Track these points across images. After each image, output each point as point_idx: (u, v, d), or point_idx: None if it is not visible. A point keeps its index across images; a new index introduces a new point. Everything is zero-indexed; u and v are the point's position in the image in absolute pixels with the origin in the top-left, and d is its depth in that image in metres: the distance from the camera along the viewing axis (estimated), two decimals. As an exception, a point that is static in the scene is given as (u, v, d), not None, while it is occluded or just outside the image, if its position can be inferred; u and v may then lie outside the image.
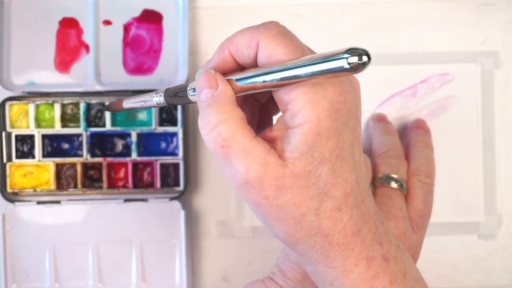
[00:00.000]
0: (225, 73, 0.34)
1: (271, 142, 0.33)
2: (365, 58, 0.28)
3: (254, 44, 0.33)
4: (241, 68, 0.34)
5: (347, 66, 0.28)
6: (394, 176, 0.46)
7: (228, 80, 0.33)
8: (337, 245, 0.33)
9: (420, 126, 0.52)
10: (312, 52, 0.34)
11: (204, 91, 0.33)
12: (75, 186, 0.53)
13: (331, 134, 0.32)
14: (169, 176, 0.53)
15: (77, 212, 0.52)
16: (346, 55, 0.28)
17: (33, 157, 0.53)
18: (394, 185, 0.46)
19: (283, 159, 0.32)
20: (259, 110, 0.38)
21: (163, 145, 0.53)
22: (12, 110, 0.53)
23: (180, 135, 0.53)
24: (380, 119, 0.52)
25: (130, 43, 0.53)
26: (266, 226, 0.34)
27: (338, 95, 0.32)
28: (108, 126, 0.53)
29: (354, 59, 0.28)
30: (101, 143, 0.53)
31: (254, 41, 0.33)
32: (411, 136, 0.51)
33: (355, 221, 0.33)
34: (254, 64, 0.33)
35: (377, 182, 0.46)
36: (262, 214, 0.33)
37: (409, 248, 0.43)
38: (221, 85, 0.33)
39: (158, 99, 0.38)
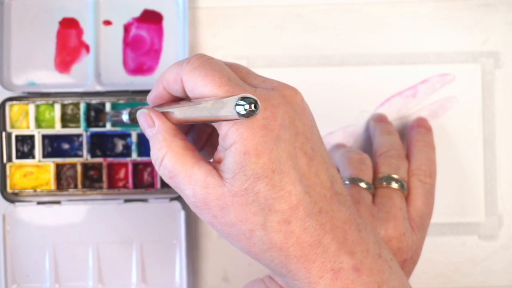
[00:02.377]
0: (165, 103, 0.37)
1: (218, 163, 0.34)
2: (255, 107, 0.31)
3: (179, 79, 0.35)
4: (180, 99, 0.37)
5: (243, 112, 0.31)
6: (395, 176, 0.46)
7: (166, 113, 0.36)
8: (295, 257, 0.33)
9: (421, 125, 0.52)
10: (241, 73, 0.35)
11: (146, 131, 0.36)
12: (75, 187, 0.53)
13: (259, 151, 0.33)
14: (169, 177, 0.53)
15: (77, 213, 0.52)
16: (241, 103, 0.31)
17: (33, 157, 0.53)
18: (394, 185, 0.46)
19: (221, 178, 0.33)
20: (210, 133, 0.40)
21: (163, 145, 0.53)
22: (12, 111, 0.53)
23: (180, 136, 0.53)
24: (380, 119, 0.52)
25: (130, 43, 0.53)
26: (229, 242, 0.35)
27: (262, 111, 0.33)
28: (108, 127, 0.53)
29: (247, 108, 0.31)
30: (101, 144, 0.53)
31: (178, 76, 0.35)
32: (412, 135, 0.51)
33: (310, 232, 0.33)
34: (188, 97, 0.36)
35: (378, 182, 0.46)
36: (218, 232, 0.35)
37: (409, 249, 0.43)
38: (157, 122, 0.36)
39: (126, 116, 0.43)
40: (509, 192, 0.53)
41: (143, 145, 0.53)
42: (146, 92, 0.53)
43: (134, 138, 0.53)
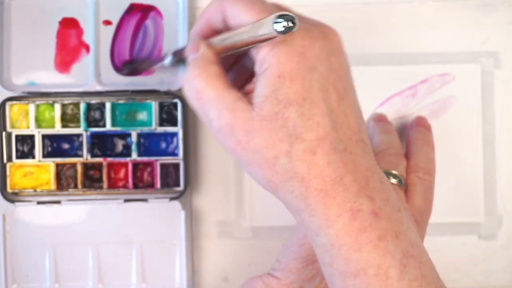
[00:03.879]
0: (209, 36, 0.38)
1: (249, 93, 0.35)
2: (292, 24, 0.32)
3: (220, 9, 0.36)
4: (222, 31, 0.37)
5: (280, 29, 0.32)
6: (393, 172, 0.46)
7: (209, 44, 0.37)
8: (316, 191, 0.33)
9: (420, 124, 0.52)
10: (280, 9, 0.36)
11: (189, 56, 0.37)
12: (75, 186, 0.53)
13: (294, 76, 0.33)
14: (169, 176, 0.53)
15: (77, 212, 0.52)
16: (280, 20, 0.31)
17: (33, 157, 0.53)
18: (393, 180, 0.46)
19: (251, 104, 0.33)
20: (244, 64, 0.40)
21: (163, 145, 0.53)
22: (12, 110, 0.53)
23: (180, 135, 0.53)
24: (380, 119, 0.52)
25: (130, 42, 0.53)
26: (248, 174, 0.35)
27: (300, 39, 0.33)
28: (108, 126, 0.53)
29: (285, 24, 0.31)
30: (101, 143, 0.53)
31: (220, 6, 0.36)
32: (411, 134, 0.51)
33: (333, 167, 0.32)
34: (229, 29, 0.36)
35: None
36: (240, 160, 0.34)
37: None
38: (201, 48, 0.36)
39: (169, 58, 0.44)
40: (509, 192, 0.53)
41: (143, 145, 0.53)
42: (146, 92, 0.53)
43: (134, 138, 0.53)
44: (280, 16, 0.31)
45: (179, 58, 0.42)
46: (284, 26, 0.31)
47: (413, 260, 0.33)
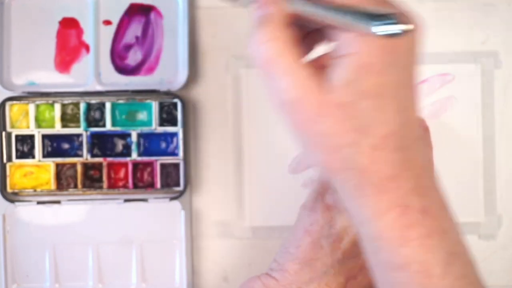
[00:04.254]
0: None
1: (317, 70, 0.32)
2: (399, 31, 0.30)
3: None
4: None
5: (387, 32, 0.29)
6: None
7: (287, 2, 0.33)
8: (372, 184, 0.32)
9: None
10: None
11: (261, 7, 0.33)
12: (75, 186, 0.53)
13: (377, 69, 0.31)
14: (169, 176, 0.53)
15: (77, 212, 0.52)
16: (389, 21, 0.29)
17: (33, 157, 0.53)
18: None
19: (326, 87, 0.32)
20: (308, 37, 0.37)
21: (163, 145, 0.53)
22: (12, 110, 0.53)
23: (180, 135, 0.53)
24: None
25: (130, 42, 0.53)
26: (305, 151, 0.34)
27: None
28: (108, 126, 0.53)
29: (395, 30, 0.29)
30: (101, 143, 0.53)
31: None
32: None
33: (393, 165, 0.32)
34: None
35: None
36: (301, 137, 0.33)
37: None
38: (278, 5, 0.33)
39: None
40: (509, 191, 0.53)
41: (143, 145, 0.53)
42: (146, 92, 0.53)
43: (134, 138, 0.53)
44: (390, 17, 0.29)
45: None
46: (401, 30, 0.29)
47: (458, 259, 0.33)
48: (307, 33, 0.36)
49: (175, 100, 0.53)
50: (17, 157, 0.53)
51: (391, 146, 0.32)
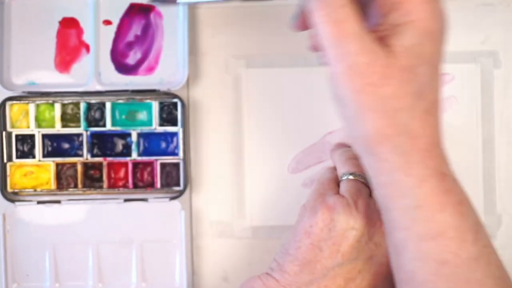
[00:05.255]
0: None
1: (379, 32, 0.34)
2: None
3: None
4: None
5: None
6: None
7: None
8: (421, 150, 0.33)
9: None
10: None
11: None
12: (75, 186, 0.53)
13: (439, 37, 0.34)
14: (169, 176, 0.53)
15: (77, 212, 0.52)
16: None
17: (33, 157, 0.53)
18: None
19: (391, 51, 0.33)
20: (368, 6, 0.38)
21: (163, 145, 0.53)
22: (13, 110, 0.53)
23: (180, 135, 0.53)
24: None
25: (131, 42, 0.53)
26: (352, 122, 0.34)
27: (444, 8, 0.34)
28: (108, 126, 0.53)
29: None
30: (101, 143, 0.53)
31: None
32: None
33: (439, 130, 0.34)
34: None
35: None
36: (360, 103, 0.33)
37: None
38: None
39: None
40: (508, 191, 0.54)
41: (143, 145, 0.53)
42: (146, 92, 0.53)
43: (134, 137, 0.53)
44: None
45: None
46: None
47: (482, 228, 0.35)
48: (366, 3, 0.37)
49: (175, 100, 0.53)
50: (17, 157, 0.53)
51: (439, 112, 0.34)
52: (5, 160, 0.52)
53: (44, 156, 0.53)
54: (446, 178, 0.34)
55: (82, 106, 0.53)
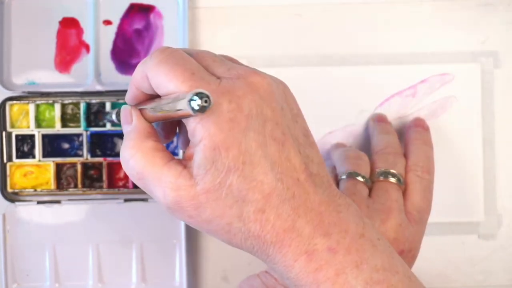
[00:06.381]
0: (142, 102, 0.37)
1: (189, 161, 0.34)
2: (206, 102, 0.30)
3: (145, 77, 0.35)
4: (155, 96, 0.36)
5: (196, 108, 0.30)
6: (392, 171, 0.46)
7: (143, 111, 0.36)
8: (272, 244, 0.33)
9: (419, 125, 0.52)
10: (207, 67, 0.35)
11: (123, 127, 0.36)
12: (75, 186, 0.53)
13: (228, 144, 0.32)
14: (169, 176, 0.53)
15: (77, 212, 0.52)
16: (195, 98, 0.30)
17: (33, 157, 0.53)
18: (391, 179, 0.46)
19: (193, 178, 0.33)
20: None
21: (163, 145, 0.53)
22: (12, 110, 0.53)
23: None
24: (379, 119, 0.53)
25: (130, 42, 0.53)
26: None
27: (228, 104, 0.33)
28: (108, 126, 0.53)
29: (199, 103, 0.30)
30: (101, 143, 0.53)
31: (144, 74, 0.35)
32: (409, 134, 0.51)
33: (284, 218, 0.33)
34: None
35: (375, 177, 0.46)
36: (197, 228, 0.35)
37: (406, 240, 0.43)
38: (134, 119, 0.36)
39: (114, 116, 0.42)
40: (509, 191, 0.54)
41: (143, 145, 0.53)
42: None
43: (134, 137, 0.53)
44: (196, 94, 0.30)
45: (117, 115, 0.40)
46: (198, 105, 0.30)
47: (379, 286, 0.33)
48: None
49: (175, 100, 0.53)
50: (17, 157, 0.53)
51: (274, 203, 0.33)
52: (5, 160, 0.52)
53: (44, 156, 0.53)
54: (315, 255, 0.33)
55: (82, 106, 0.53)
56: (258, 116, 0.33)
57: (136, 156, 0.34)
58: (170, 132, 0.40)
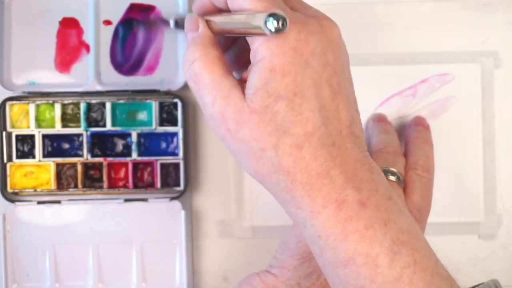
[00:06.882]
0: (211, 13, 0.37)
1: (243, 82, 0.34)
2: (282, 25, 0.31)
3: None
4: (222, 11, 0.37)
5: (271, 29, 0.31)
6: (391, 169, 0.46)
7: (208, 22, 0.37)
8: (301, 184, 0.33)
9: (419, 123, 0.52)
10: (285, 3, 0.35)
11: (188, 33, 0.37)
12: (76, 186, 0.53)
13: (285, 70, 0.33)
14: (169, 176, 0.53)
15: (78, 212, 0.52)
16: (271, 19, 0.31)
17: (34, 157, 0.53)
18: (391, 177, 0.46)
19: (244, 95, 0.34)
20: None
21: (163, 145, 0.53)
22: (13, 110, 0.53)
23: (180, 135, 0.53)
24: (379, 119, 0.53)
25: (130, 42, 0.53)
26: (238, 162, 0.36)
27: (296, 33, 0.33)
28: (109, 126, 0.53)
29: (275, 25, 0.31)
30: (101, 143, 0.53)
31: None
32: (410, 133, 0.51)
33: (320, 162, 0.33)
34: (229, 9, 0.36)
35: None
36: (229, 148, 0.35)
37: None
38: (201, 26, 0.36)
39: (172, 22, 0.47)
40: (509, 191, 0.54)
41: (143, 145, 0.53)
42: (146, 92, 0.53)
43: (134, 138, 0.53)
44: (271, 15, 0.31)
45: (181, 25, 0.42)
46: (275, 27, 0.31)
47: (404, 247, 0.33)
48: (244, 41, 0.38)
49: (175, 100, 0.53)
50: (18, 157, 0.53)
51: (314, 144, 0.33)
52: (5, 160, 0.52)
53: (44, 156, 0.53)
54: (345, 206, 0.33)
55: (82, 106, 0.53)
56: (320, 57, 0.34)
57: (199, 60, 0.35)
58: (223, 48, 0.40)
